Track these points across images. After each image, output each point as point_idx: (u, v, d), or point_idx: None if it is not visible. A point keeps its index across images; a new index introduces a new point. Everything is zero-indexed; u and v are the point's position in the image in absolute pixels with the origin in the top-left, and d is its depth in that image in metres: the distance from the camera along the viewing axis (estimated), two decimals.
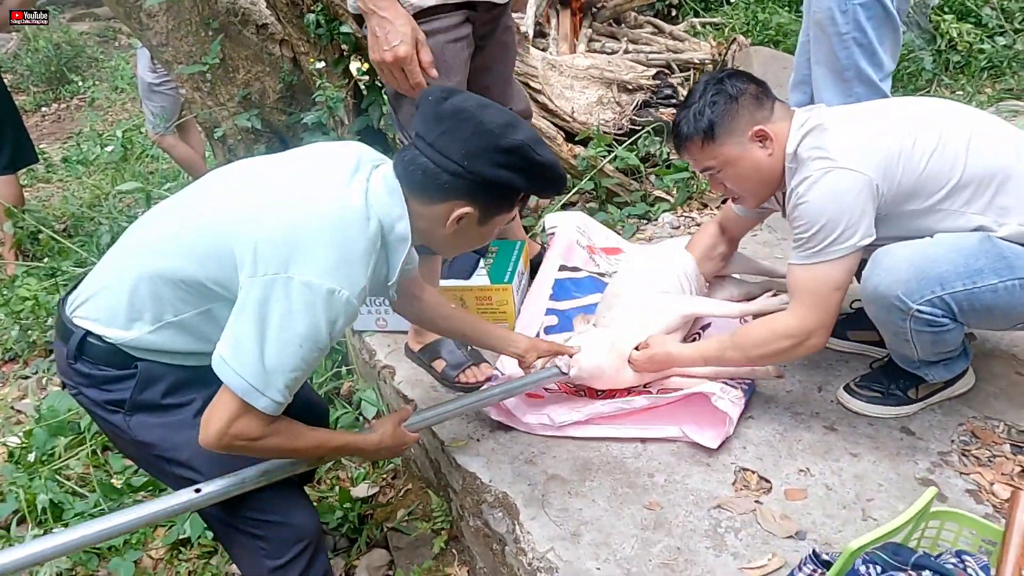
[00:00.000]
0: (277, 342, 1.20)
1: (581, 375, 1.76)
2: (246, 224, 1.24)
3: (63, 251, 3.68)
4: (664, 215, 2.91)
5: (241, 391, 1.21)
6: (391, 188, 1.33)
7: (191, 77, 2.95)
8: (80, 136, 6.18)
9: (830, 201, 1.54)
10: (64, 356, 1.36)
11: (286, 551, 1.43)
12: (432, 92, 1.34)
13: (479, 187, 1.30)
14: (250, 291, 1.21)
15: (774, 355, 1.68)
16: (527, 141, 1.29)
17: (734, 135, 1.63)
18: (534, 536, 1.51)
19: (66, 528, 1.97)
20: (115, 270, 1.35)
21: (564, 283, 2.29)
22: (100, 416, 1.40)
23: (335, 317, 1.23)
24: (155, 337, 1.32)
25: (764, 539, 1.47)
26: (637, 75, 3.47)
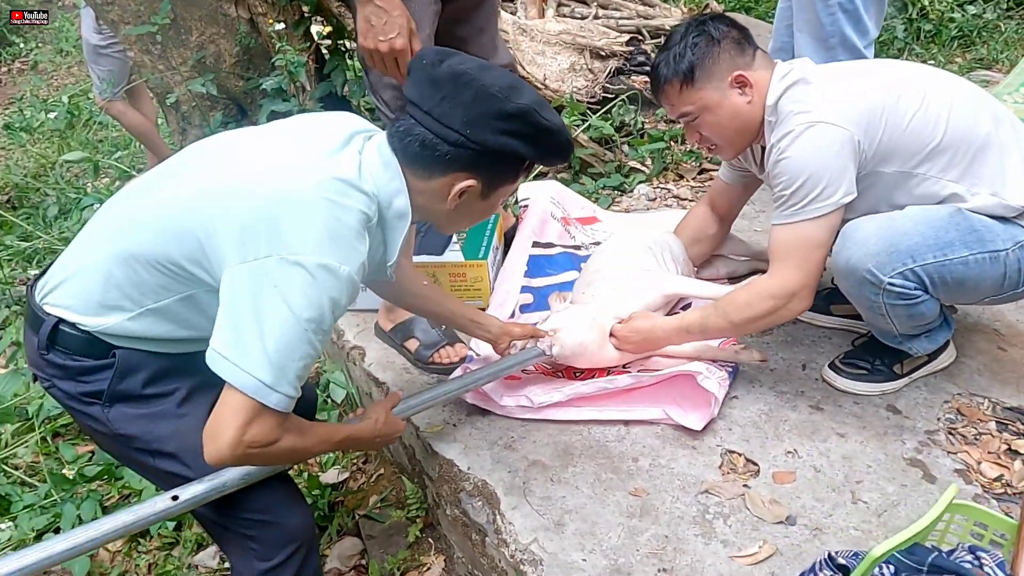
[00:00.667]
0: (279, 330, 1.09)
1: (564, 352, 1.69)
2: (227, 199, 1.13)
3: (6, 224, 3.48)
4: (640, 186, 2.83)
5: (251, 390, 1.09)
6: (386, 161, 1.22)
7: (139, 39, 2.76)
8: (23, 102, 5.87)
9: (811, 157, 1.50)
10: (35, 346, 1.24)
11: (277, 553, 1.33)
12: (426, 55, 1.22)
13: (482, 157, 1.21)
14: (240, 278, 1.10)
15: (757, 318, 1.61)
16: (532, 105, 1.20)
17: (713, 79, 1.58)
18: (516, 527, 1.45)
19: (27, 545, 1.87)
20: (88, 252, 1.23)
21: (538, 260, 2.21)
22: (76, 410, 1.28)
23: (337, 294, 1.12)
24: (134, 324, 1.21)
25: (754, 525, 1.42)
26: (610, 41, 3.37)
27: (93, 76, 3.98)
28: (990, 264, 1.51)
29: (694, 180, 2.87)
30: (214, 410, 1.13)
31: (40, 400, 2.24)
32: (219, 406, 1.12)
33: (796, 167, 1.50)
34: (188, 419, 1.27)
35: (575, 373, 1.80)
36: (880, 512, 1.43)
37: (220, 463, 1.15)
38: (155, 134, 4.09)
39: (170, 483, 1.29)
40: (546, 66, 3.23)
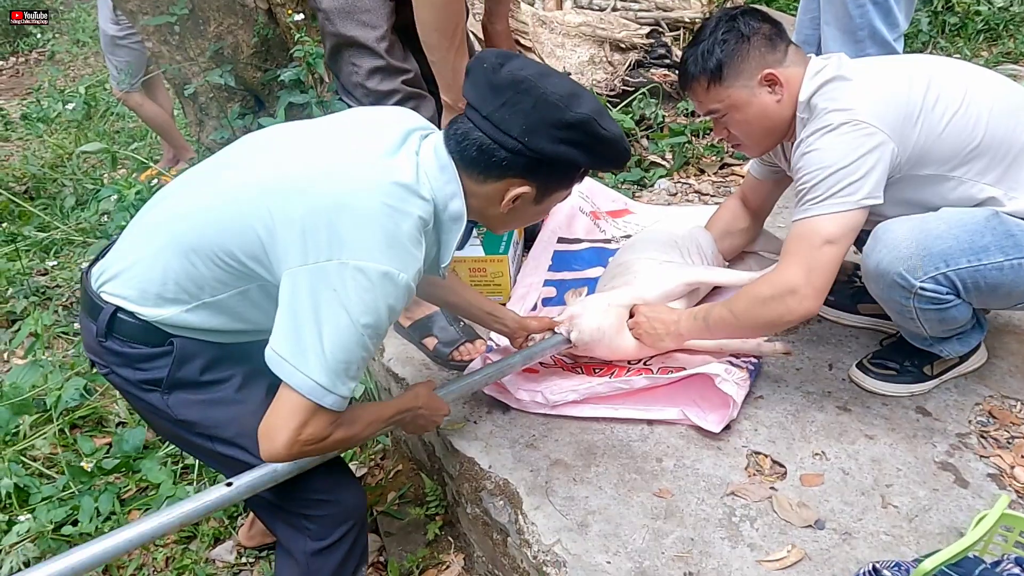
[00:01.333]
0: (337, 333, 1.10)
1: (582, 338, 1.67)
2: (288, 198, 1.13)
3: (24, 214, 3.48)
4: (660, 181, 2.79)
5: (308, 391, 1.11)
6: (443, 164, 1.22)
7: (158, 29, 2.75)
8: (40, 92, 5.88)
9: (839, 152, 1.45)
10: (93, 334, 1.26)
11: (332, 532, 1.37)
12: (486, 58, 1.20)
13: (538, 164, 1.20)
14: (300, 281, 1.11)
15: (757, 310, 1.53)
16: (592, 114, 1.18)
17: (742, 77, 1.54)
18: (539, 527, 1.42)
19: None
20: (146, 243, 1.24)
21: (564, 255, 2.19)
22: (135, 395, 1.30)
23: (394, 300, 1.14)
24: (191, 316, 1.23)
25: (781, 529, 1.39)
26: (630, 33, 3.33)
27: (110, 67, 3.98)
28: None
29: (715, 175, 2.83)
30: (270, 409, 1.15)
31: (58, 392, 2.23)
32: (276, 405, 1.14)
33: (821, 160, 1.46)
34: (246, 404, 1.30)
35: (594, 369, 1.78)
36: (911, 517, 1.40)
37: (275, 461, 1.18)
38: (172, 125, 4.08)
39: (229, 466, 1.31)
40: (565, 58, 3.19)
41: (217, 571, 1.85)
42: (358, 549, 1.43)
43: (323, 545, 1.36)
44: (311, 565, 1.37)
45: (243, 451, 1.29)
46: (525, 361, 1.66)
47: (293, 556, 1.40)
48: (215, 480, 1.72)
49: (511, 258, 2.05)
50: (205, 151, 2.97)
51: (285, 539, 1.41)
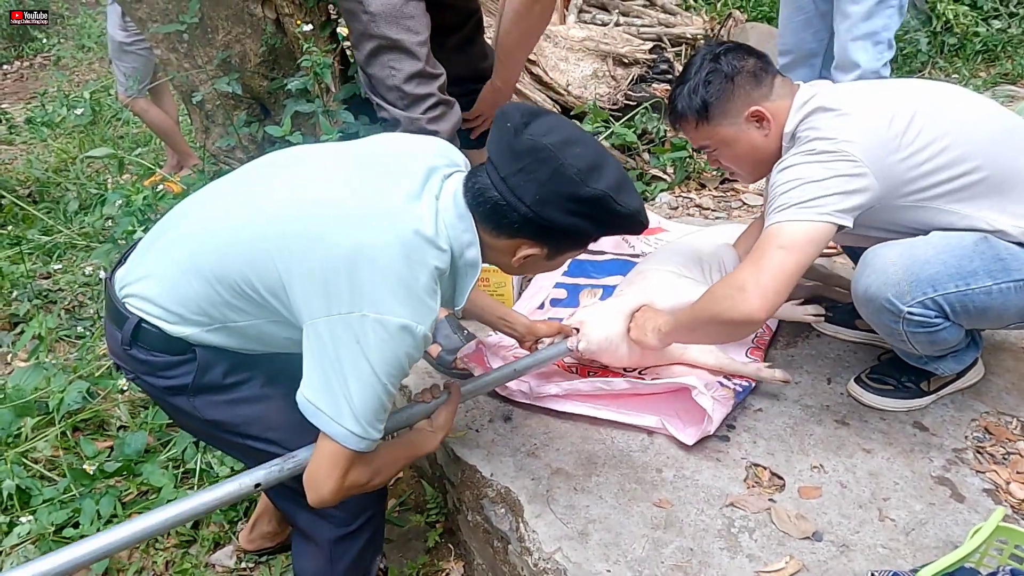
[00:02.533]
0: (362, 384, 1.15)
1: (590, 347, 1.69)
2: (309, 241, 1.15)
3: (28, 218, 3.50)
4: (661, 195, 2.82)
5: (343, 439, 1.17)
6: (461, 213, 1.23)
7: (166, 37, 2.77)
8: (45, 96, 5.90)
9: (813, 169, 1.45)
10: (119, 342, 1.30)
11: (355, 519, 1.41)
12: (511, 116, 1.19)
13: (549, 231, 1.21)
14: (324, 331, 1.15)
15: (708, 304, 1.51)
16: (609, 192, 1.17)
17: (728, 116, 1.57)
18: (540, 535, 1.44)
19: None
20: (170, 262, 1.27)
21: (582, 263, 2.21)
22: (162, 399, 1.36)
23: (413, 350, 1.18)
24: (212, 336, 1.27)
25: (780, 540, 1.41)
26: (633, 48, 3.36)
27: (117, 73, 4.00)
28: (1015, 293, 1.46)
29: (716, 190, 2.86)
30: (313, 458, 1.21)
31: (60, 395, 2.24)
32: (317, 456, 1.21)
33: (794, 173, 1.46)
34: (272, 400, 1.35)
35: (589, 372, 1.80)
36: (908, 530, 1.42)
37: (325, 506, 1.23)
38: (176, 131, 4.10)
39: (259, 460, 1.33)
40: (569, 72, 3.22)
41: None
42: (378, 538, 1.48)
43: (347, 531, 1.41)
44: (335, 551, 1.42)
45: (274, 444, 1.33)
46: (531, 367, 1.68)
47: (315, 543, 1.44)
48: None
49: None
50: (210, 158, 2.99)
51: (308, 527, 1.44)
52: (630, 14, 4.81)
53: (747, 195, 2.80)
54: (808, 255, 1.44)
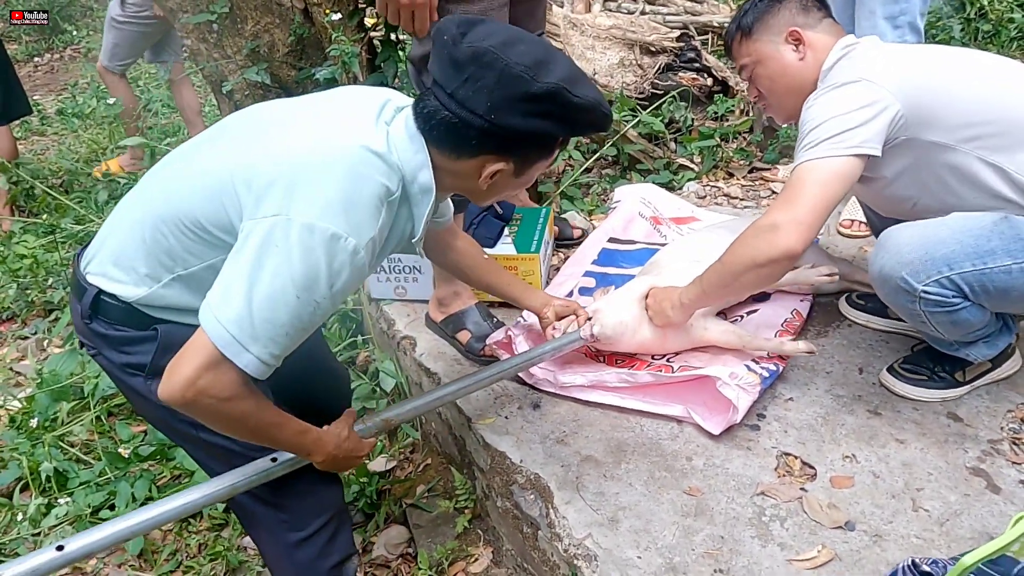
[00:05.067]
0: (269, 290, 1.05)
1: (604, 332, 1.68)
2: (253, 161, 1.12)
3: (60, 207, 3.55)
4: (689, 184, 2.80)
5: (222, 343, 1.05)
6: (411, 133, 1.18)
7: (196, 27, 2.79)
8: (75, 88, 5.99)
9: (837, 104, 1.48)
10: (79, 315, 1.26)
11: (310, 522, 1.37)
12: (447, 29, 1.13)
13: (511, 140, 1.15)
14: (246, 234, 1.08)
15: (740, 251, 1.51)
16: (561, 83, 1.10)
17: (770, 31, 1.63)
18: (570, 521, 1.44)
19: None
20: (123, 220, 1.24)
21: (612, 253, 2.20)
22: (118, 378, 1.30)
23: (339, 268, 1.08)
24: (166, 292, 1.20)
25: (811, 529, 1.40)
26: (661, 36, 3.34)
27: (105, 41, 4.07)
28: None
29: (744, 179, 2.84)
30: (180, 350, 1.10)
31: (95, 380, 2.29)
32: (187, 346, 1.09)
33: (818, 112, 1.49)
34: None
35: (616, 360, 1.80)
36: (942, 521, 1.40)
37: (167, 400, 1.09)
38: (196, 120, 4.13)
39: (212, 454, 1.31)
40: (595, 61, 3.21)
41: (249, 558, 1.89)
42: (340, 543, 1.41)
43: (303, 535, 1.37)
44: (295, 556, 1.38)
45: (228, 439, 1.27)
46: (550, 354, 1.68)
47: (277, 553, 1.41)
48: None
49: (542, 256, 2.07)
50: None
51: (267, 541, 1.42)
52: (656, 2, 4.77)
53: (776, 184, 2.77)
54: (838, 190, 1.46)
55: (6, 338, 2.92)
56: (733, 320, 1.88)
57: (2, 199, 3.68)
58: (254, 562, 1.87)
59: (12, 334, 2.93)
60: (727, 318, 1.88)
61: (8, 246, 3.33)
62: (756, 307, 1.93)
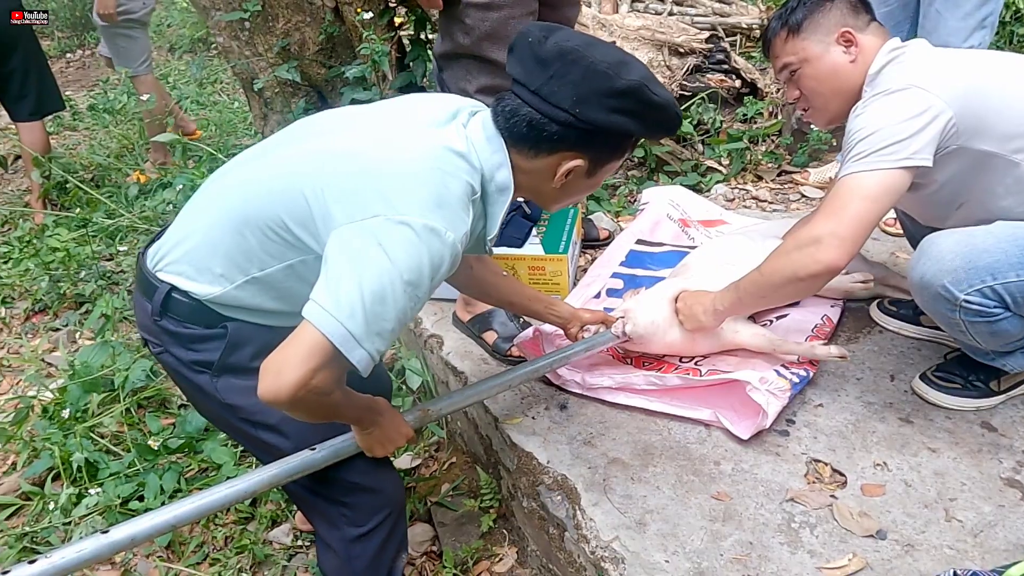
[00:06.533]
0: (378, 287, 1.06)
1: (636, 331, 1.68)
2: (337, 163, 1.15)
3: (91, 202, 3.60)
4: (717, 186, 2.78)
5: (339, 339, 1.05)
6: (490, 135, 1.22)
7: (228, 25, 2.83)
8: (107, 84, 6.07)
9: (888, 114, 1.44)
10: (148, 313, 1.28)
11: (369, 519, 1.38)
12: (530, 32, 1.19)
13: (590, 136, 1.19)
14: (345, 237, 1.09)
15: (780, 263, 1.51)
16: (643, 80, 1.16)
17: (819, 31, 1.58)
18: (597, 523, 1.44)
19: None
20: (198, 220, 1.26)
21: (639, 254, 2.19)
22: (184, 376, 1.32)
23: (439, 261, 1.11)
24: (240, 292, 1.23)
25: (842, 537, 1.39)
26: (689, 38, 3.32)
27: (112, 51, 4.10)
28: None
29: (773, 182, 2.81)
30: (283, 346, 1.08)
31: (125, 372, 2.31)
32: (292, 343, 1.07)
33: (868, 121, 1.45)
34: None
35: (643, 363, 1.79)
36: (976, 532, 1.38)
37: (273, 400, 1.08)
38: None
39: (268, 453, 1.33)
40: None
41: (274, 552, 1.90)
42: (396, 537, 1.43)
43: (361, 532, 1.38)
44: (350, 551, 1.39)
45: (283, 437, 1.31)
46: (580, 354, 1.68)
47: (332, 545, 1.42)
48: None
49: (570, 257, 2.06)
50: None
51: (323, 529, 1.43)
52: (684, 3, 4.74)
53: (806, 187, 2.75)
54: (885, 205, 1.43)
55: (38, 329, 2.96)
56: (763, 324, 1.86)
57: (35, 193, 3.75)
58: (279, 556, 1.89)
59: (44, 325, 2.98)
60: (757, 321, 1.87)
61: (41, 239, 3.38)
62: (786, 312, 1.92)
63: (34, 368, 2.64)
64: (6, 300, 3.14)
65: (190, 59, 6.30)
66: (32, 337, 2.91)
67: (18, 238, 3.54)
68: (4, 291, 3.17)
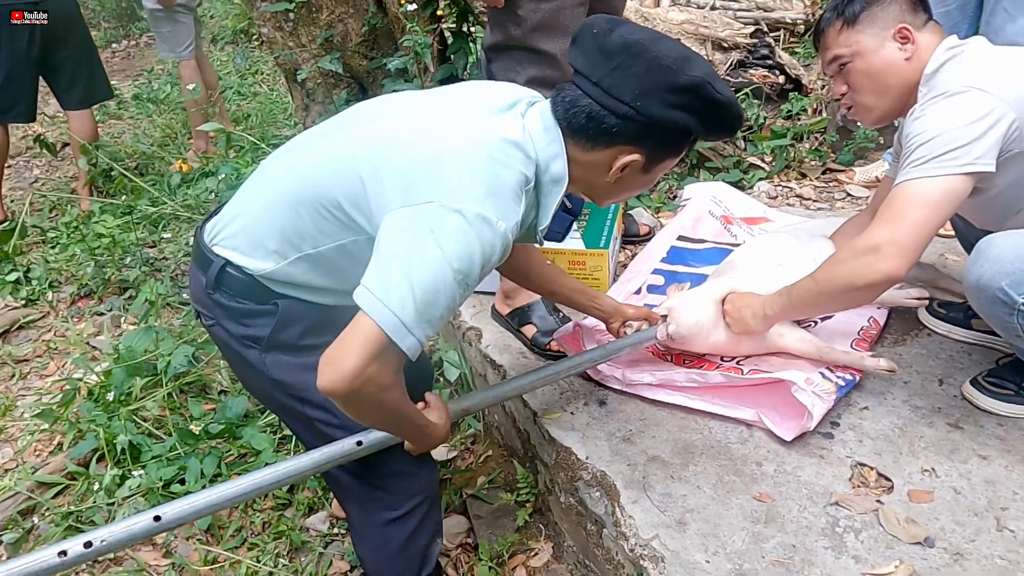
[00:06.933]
0: (429, 274, 1.07)
1: (680, 331, 1.66)
2: (393, 146, 1.16)
3: (136, 189, 3.67)
4: (760, 183, 2.74)
5: (390, 327, 1.06)
6: (547, 125, 1.22)
7: (273, 16, 2.85)
8: (151, 74, 6.18)
9: (950, 117, 1.39)
10: (203, 285, 1.30)
11: (405, 503, 1.40)
12: (595, 23, 1.18)
13: (649, 130, 1.17)
14: (397, 221, 1.10)
15: (836, 271, 1.48)
16: (706, 77, 1.14)
17: (876, 24, 1.53)
18: (636, 521, 1.42)
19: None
20: (255, 197, 1.29)
21: (681, 251, 2.17)
22: (234, 350, 1.34)
23: (490, 250, 1.11)
24: (292, 269, 1.25)
25: (888, 543, 1.36)
26: (733, 32, 3.27)
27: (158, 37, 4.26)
28: None
29: (817, 180, 2.76)
30: (339, 339, 1.09)
31: (168, 358, 2.35)
32: (348, 334, 1.09)
33: (929, 124, 1.41)
34: None
35: (684, 360, 1.77)
36: None
37: (332, 391, 1.09)
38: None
39: (314, 430, 1.35)
40: None
41: (311, 539, 1.92)
42: (430, 523, 1.45)
43: (395, 515, 1.40)
44: (385, 534, 1.41)
45: (331, 415, 1.32)
46: (620, 351, 1.67)
47: (366, 531, 1.44)
48: None
49: (611, 252, 2.05)
50: None
51: (357, 515, 1.45)
52: None
53: (851, 186, 2.69)
54: (946, 212, 1.39)
55: (84, 313, 3.03)
56: (807, 325, 1.83)
57: (82, 180, 3.83)
58: (316, 543, 1.91)
59: (89, 310, 3.04)
60: (801, 322, 1.83)
61: (87, 225, 3.46)
62: (831, 312, 1.88)
63: (79, 351, 2.71)
64: (53, 284, 3.22)
65: (231, 50, 6.38)
66: (78, 321, 2.98)
67: (65, 224, 3.63)
68: (52, 275, 3.25)
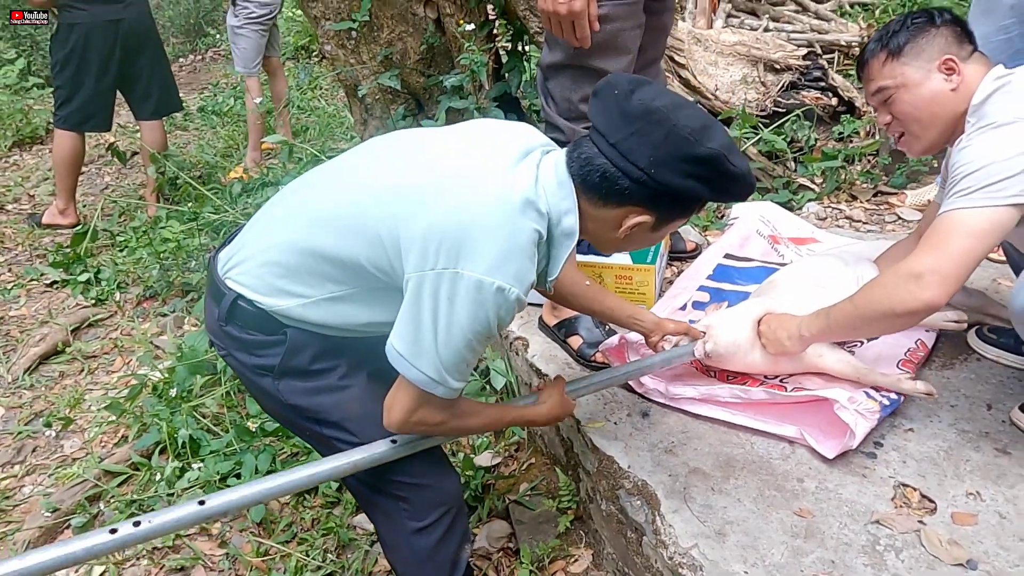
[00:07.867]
0: (449, 338, 1.18)
1: (717, 350, 1.68)
2: (412, 207, 1.19)
3: (200, 197, 3.84)
4: (809, 204, 2.74)
5: (424, 385, 1.22)
6: (561, 180, 1.24)
7: (337, 34, 2.97)
8: (216, 88, 6.43)
9: (997, 147, 1.38)
10: (215, 318, 1.35)
11: (429, 514, 1.43)
12: (618, 84, 1.21)
13: (661, 196, 1.21)
14: (421, 285, 1.17)
15: (876, 296, 1.47)
16: (722, 150, 1.17)
17: (922, 57, 1.53)
18: (676, 530, 1.45)
19: (213, 485, 2.07)
20: (270, 237, 1.32)
21: (727, 269, 2.19)
22: (248, 378, 1.40)
23: (505, 314, 1.20)
24: (307, 311, 1.30)
25: (929, 564, 1.36)
26: (786, 54, 3.28)
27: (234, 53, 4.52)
28: None
29: (868, 203, 2.75)
30: (392, 389, 1.27)
31: None
32: (396, 388, 1.27)
33: (975, 154, 1.40)
34: (350, 391, 1.38)
35: (728, 376, 1.79)
36: None
37: (396, 431, 1.31)
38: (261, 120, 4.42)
39: (333, 448, 1.40)
40: (718, 76, 3.19)
41: (357, 537, 1.99)
42: (457, 531, 1.48)
43: (421, 525, 1.43)
44: (413, 543, 1.45)
45: (347, 433, 1.38)
46: (660, 365, 1.70)
47: (394, 538, 1.48)
48: None
49: (657, 268, 2.08)
50: None
51: (384, 526, 1.49)
52: (781, 19, 4.69)
53: (903, 209, 2.67)
54: (990, 244, 1.39)
55: (148, 314, 3.18)
56: (853, 345, 1.84)
57: (150, 187, 4.02)
58: (363, 541, 1.97)
59: (153, 311, 3.19)
60: (843, 345, 1.84)
61: (154, 230, 3.62)
62: (869, 336, 1.88)
63: (143, 350, 2.84)
64: (121, 285, 3.38)
65: (292, 65, 6.60)
66: (143, 321, 3.12)
67: (134, 228, 3.81)
68: (120, 277, 3.42)
